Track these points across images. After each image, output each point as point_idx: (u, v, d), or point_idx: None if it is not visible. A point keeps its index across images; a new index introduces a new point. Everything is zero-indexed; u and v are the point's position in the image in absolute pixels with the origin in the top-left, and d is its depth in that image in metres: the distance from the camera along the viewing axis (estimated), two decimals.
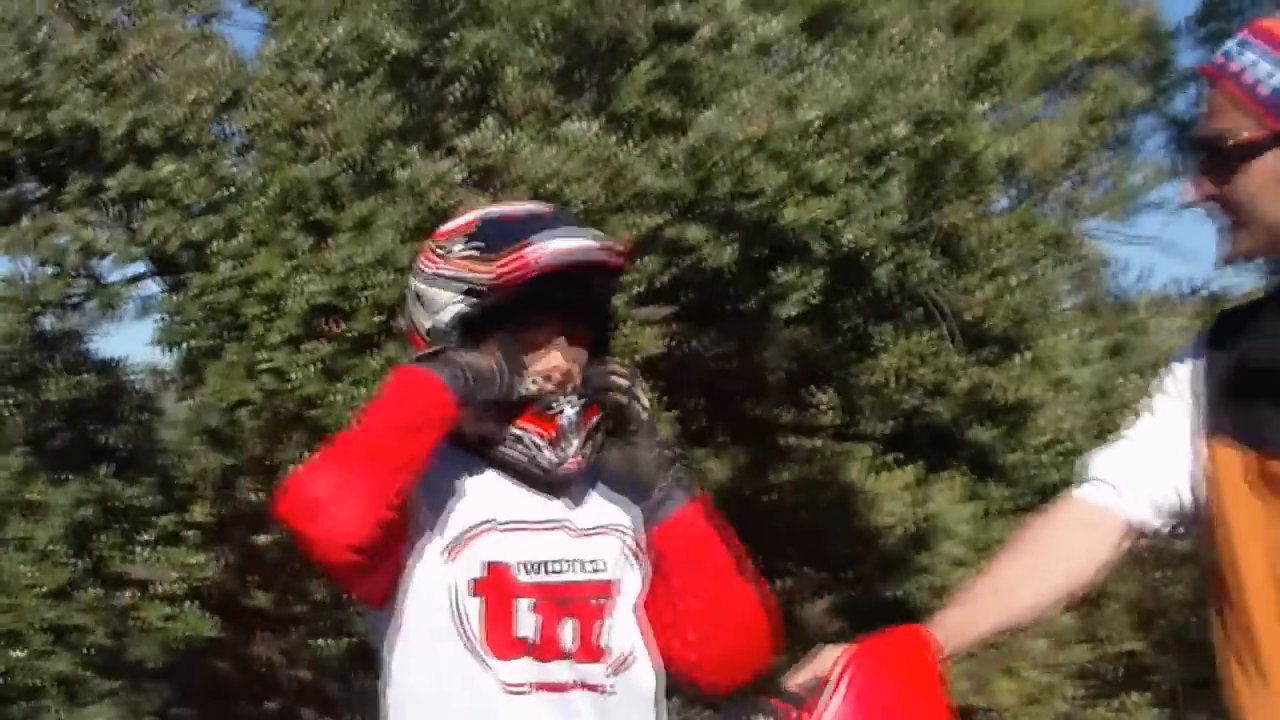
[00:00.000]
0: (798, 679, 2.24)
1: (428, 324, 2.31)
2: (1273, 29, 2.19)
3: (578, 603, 2.33)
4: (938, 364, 5.91)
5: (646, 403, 2.31)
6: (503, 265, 2.22)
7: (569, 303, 2.27)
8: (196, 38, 6.77)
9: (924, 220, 5.67)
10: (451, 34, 5.71)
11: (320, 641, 8.01)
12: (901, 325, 6.02)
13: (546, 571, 2.31)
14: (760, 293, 6.17)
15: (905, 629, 2.33)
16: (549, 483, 2.29)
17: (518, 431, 2.26)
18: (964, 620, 2.40)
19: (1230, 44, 2.22)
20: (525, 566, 2.29)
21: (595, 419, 2.25)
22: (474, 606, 2.25)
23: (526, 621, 2.27)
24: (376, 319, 5.49)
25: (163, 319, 5.80)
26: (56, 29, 6.33)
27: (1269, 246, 2.21)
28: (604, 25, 6.07)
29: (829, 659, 2.23)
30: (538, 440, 2.26)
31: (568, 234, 2.25)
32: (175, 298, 5.61)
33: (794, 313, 6.33)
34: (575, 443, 2.25)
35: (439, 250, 2.32)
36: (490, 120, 5.47)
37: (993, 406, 6.13)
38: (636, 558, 2.33)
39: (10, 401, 6.72)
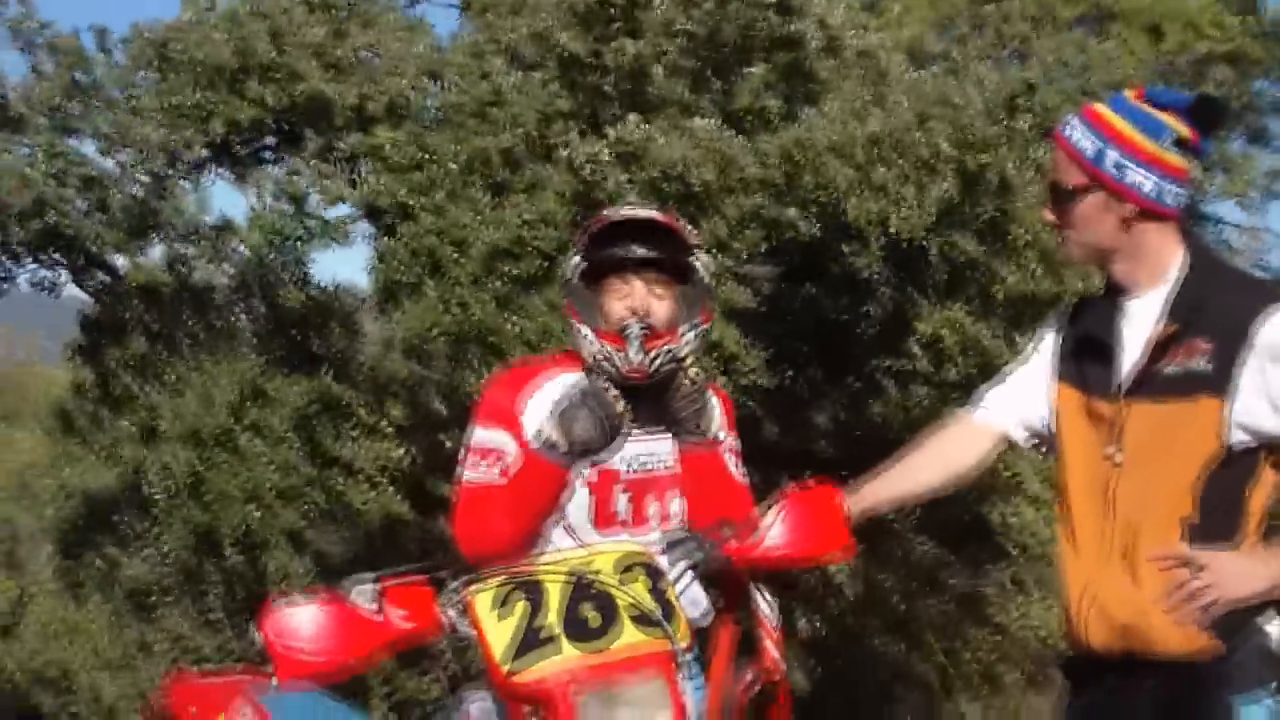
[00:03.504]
0: (752, 515, 2.98)
1: (562, 283, 3.12)
2: (1095, 113, 2.84)
3: (659, 487, 3.07)
4: (963, 334, 6.62)
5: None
6: (588, 226, 3.05)
7: (648, 262, 3.01)
8: (406, 26, 7.76)
9: (972, 214, 6.37)
10: (613, 42, 6.56)
11: None
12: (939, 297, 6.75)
13: (639, 468, 3.06)
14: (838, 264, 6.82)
15: (822, 486, 3.05)
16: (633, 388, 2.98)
17: (603, 348, 2.96)
18: (876, 488, 3.14)
19: (1068, 119, 2.89)
20: (626, 465, 3.05)
21: (662, 354, 2.96)
22: (583, 496, 3.03)
23: (621, 503, 3.05)
24: (540, 264, 6.35)
25: (377, 259, 6.71)
26: (293, 14, 7.22)
27: (1089, 257, 2.93)
28: (731, 30, 6.79)
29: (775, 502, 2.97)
30: (611, 350, 2.97)
31: (630, 206, 3.06)
32: (389, 241, 6.42)
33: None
34: (639, 356, 2.92)
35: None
36: (632, 116, 6.29)
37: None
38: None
39: (245, 311, 7.65)
